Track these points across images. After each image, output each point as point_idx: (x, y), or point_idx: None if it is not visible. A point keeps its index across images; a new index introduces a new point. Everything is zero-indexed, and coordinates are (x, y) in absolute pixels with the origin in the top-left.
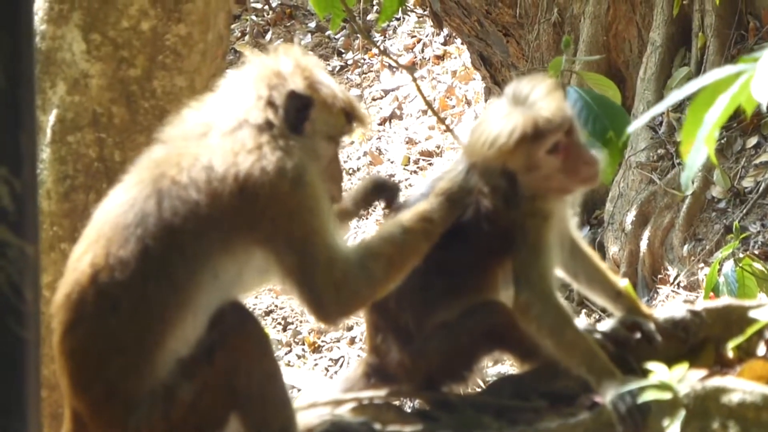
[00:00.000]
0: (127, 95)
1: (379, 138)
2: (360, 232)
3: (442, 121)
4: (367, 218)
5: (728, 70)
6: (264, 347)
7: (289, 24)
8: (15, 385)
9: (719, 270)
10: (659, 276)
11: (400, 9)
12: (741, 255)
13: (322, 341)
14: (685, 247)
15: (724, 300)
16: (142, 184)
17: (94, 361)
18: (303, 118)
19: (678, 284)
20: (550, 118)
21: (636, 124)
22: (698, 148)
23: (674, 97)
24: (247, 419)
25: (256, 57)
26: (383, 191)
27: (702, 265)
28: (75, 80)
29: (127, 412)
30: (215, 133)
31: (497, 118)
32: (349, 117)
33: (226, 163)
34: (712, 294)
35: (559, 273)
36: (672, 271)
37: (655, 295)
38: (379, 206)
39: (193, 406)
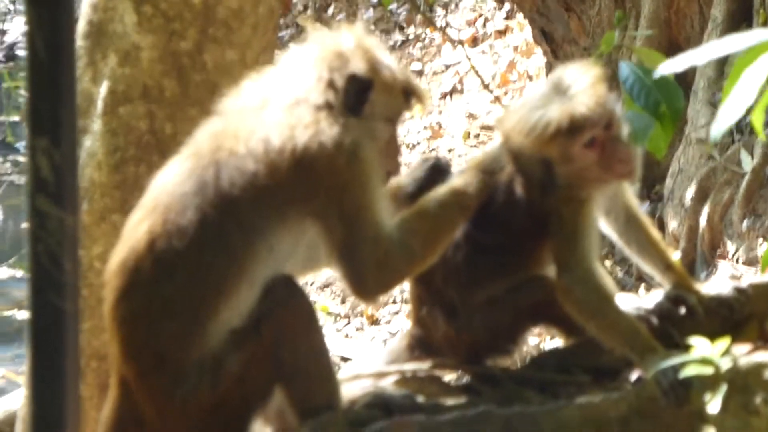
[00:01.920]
0: (178, 68)
1: (440, 112)
2: None
3: (498, 99)
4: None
5: None
6: (311, 321)
7: None
8: (54, 355)
9: None
10: (718, 251)
11: None
12: None
13: (381, 314)
14: (745, 222)
15: None
16: (200, 155)
17: (146, 329)
18: (362, 101)
19: (737, 260)
20: (587, 114)
21: (669, 67)
22: (732, 103)
23: (714, 50)
24: (292, 392)
25: (318, 33)
26: (441, 172)
27: (761, 240)
28: (126, 52)
29: (174, 382)
30: (273, 108)
31: (536, 107)
32: (407, 95)
33: (283, 136)
34: None
35: (614, 239)
36: (731, 247)
37: (714, 270)
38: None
39: (240, 377)
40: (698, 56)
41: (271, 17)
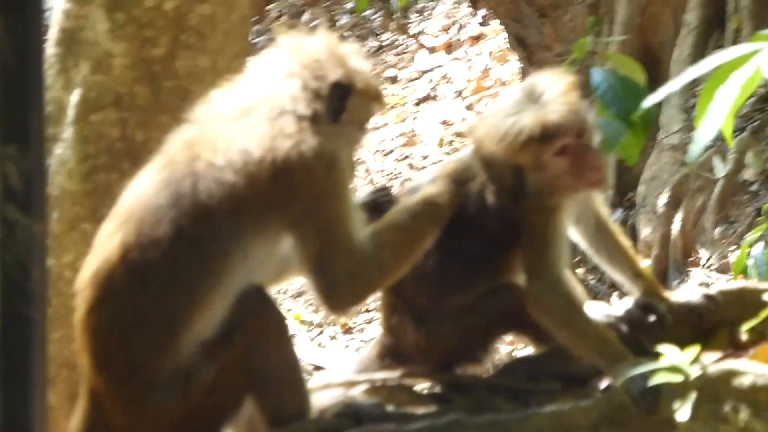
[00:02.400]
0: (150, 75)
1: (415, 119)
2: None
3: (471, 106)
4: None
5: (745, 48)
6: (281, 331)
7: (326, 4)
8: (21, 364)
9: (748, 252)
10: (691, 259)
11: None
12: None
13: (354, 322)
14: (717, 229)
15: (740, 283)
16: (175, 165)
17: (119, 339)
18: (342, 108)
19: (709, 267)
20: (559, 122)
21: (652, 100)
22: (708, 123)
23: (689, 74)
24: (263, 402)
25: (288, 39)
26: (384, 192)
27: (734, 247)
28: (98, 60)
29: (146, 392)
30: (254, 118)
31: (508, 114)
32: (377, 98)
33: (263, 147)
34: (741, 276)
35: (583, 247)
36: (704, 254)
37: (687, 278)
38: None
39: (211, 387)
40: (674, 84)
41: (243, 24)
